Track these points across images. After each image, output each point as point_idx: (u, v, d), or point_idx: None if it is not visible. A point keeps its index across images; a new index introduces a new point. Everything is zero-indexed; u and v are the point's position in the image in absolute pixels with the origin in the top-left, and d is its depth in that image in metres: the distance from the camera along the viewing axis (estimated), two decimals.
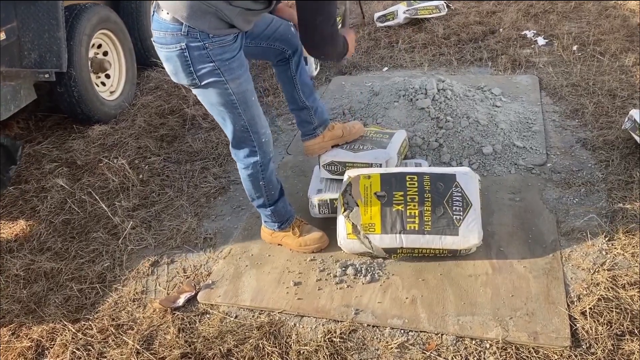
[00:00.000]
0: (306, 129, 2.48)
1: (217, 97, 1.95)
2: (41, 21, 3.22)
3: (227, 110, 1.99)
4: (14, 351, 2.08)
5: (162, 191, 2.96)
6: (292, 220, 2.37)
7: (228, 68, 1.89)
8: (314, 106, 2.41)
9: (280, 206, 2.31)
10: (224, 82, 1.90)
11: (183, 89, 4.07)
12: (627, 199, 2.46)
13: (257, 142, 2.09)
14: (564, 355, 1.79)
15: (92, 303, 2.27)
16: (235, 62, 1.91)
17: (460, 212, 2.15)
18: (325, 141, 2.52)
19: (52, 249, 2.62)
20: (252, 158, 2.12)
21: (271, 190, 2.24)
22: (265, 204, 2.28)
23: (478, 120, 2.99)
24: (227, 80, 1.91)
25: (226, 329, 2.06)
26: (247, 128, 2.04)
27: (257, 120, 2.05)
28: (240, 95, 1.96)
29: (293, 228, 2.36)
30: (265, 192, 2.23)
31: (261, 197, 2.25)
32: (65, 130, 3.77)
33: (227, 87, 1.92)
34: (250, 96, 2.01)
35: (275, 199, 2.28)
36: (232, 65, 1.90)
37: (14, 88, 3.21)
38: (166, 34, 1.83)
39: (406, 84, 3.24)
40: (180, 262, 2.45)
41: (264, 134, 2.10)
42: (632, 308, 1.93)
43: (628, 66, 3.70)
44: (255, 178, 2.18)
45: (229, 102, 1.96)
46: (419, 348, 1.89)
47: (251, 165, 2.14)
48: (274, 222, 2.35)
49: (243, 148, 2.11)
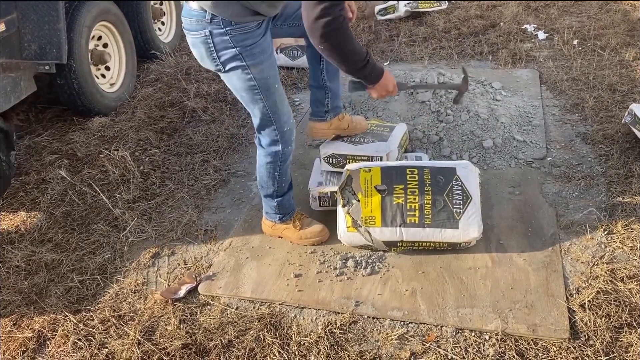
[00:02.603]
0: (317, 110, 2.49)
1: (239, 82, 1.98)
2: (41, 13, 3.21)
3: (249, 95, 2.01)
4: (15, 341, 2.09)
5: (162, 183, 2.97)
6: (294, 214, 2.38)
7: (250, 54, 1.91)
8: (332, 89, 2.41)
9: (286, 199, 2.32)
10: (245, 67, 1.93)
11: (183, 82, 4.06)
12: (626, 193, 2.47)
13: (279, 131, 2.10)
14: (562, 347, 1.81)
15: (93, 294, 2.28)
16: (257, 48, 1.92)
17: (460, 205, 2.15)
18: (330, 129, 2.53)
19: (53, 241, 2.62)
20: (274, 147, 2.14)
21: (282, 182, 2.25)
22: (273, 194, 2.29)
23: (478, 114, 3.00)
24: (249, 66, 1.92)
25: (227, 320, 2.07)
26: (270, 115, 2.05)
27: (279, 107, 2.06)
28: (262, 81, 1.97)
29: (294, 221, 2.36)
30: (277, 183, 2.24)
31: (271, 188, 2.26)
32: (66, 122, 3.76)
33: (248, 72, 1.94)
34: (273, 83, 2.01)
35: (283, 192, 2.29)
36: (253, 51, 1.91)
37: (14, 80, 3.20)
38: (192, 20, 1.89)
39: (407, 78, 3.25)
40: (181, 253, 2.46)
41: (286, 123, 2.10)
42: (630, 301, 1.94)
43: (628, 61, 3.70)
44: (272, 168, 2.19)
45: (250, 88, 1.98)
46: (418, 339, 1.90)
47: (272, 154, 2.15)
48: (276, 214, 2.35)
49: (266, 136, 2.13)
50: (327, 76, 2.36)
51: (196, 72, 4.28)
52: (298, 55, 4.12)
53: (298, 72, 4.12)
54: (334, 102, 2.46)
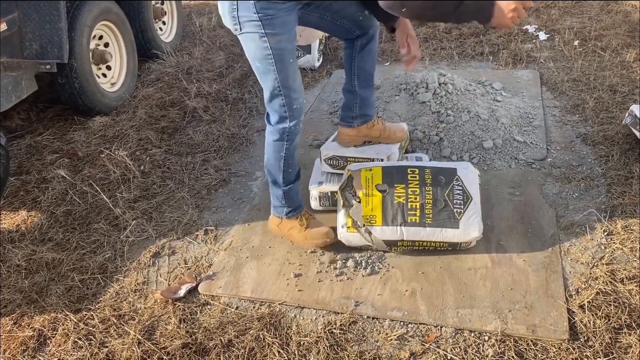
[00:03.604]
0: (345, 115, 2.49)
1: (255, 49, 1.98)
2: (42, 12, 3.21)
3: (263, 65, 2.01)
4: (16, 340, 2.09)
5: (163, 183, 2.97)
6: (301, 211, 2.34)
7: (269, 23, 1.91)
8: (362, 96, 2.40)
9: (293, 190, 2.28)
10: (263, 35, 1.93)
11: (184, 81, 4.07)
12: (626, 194, 2.48)
13: (289, 106, 2.07)
14: (562, 348, 1.81)
15: (93, 293, 2.28)
16: (278, 20, 1.92)
17: (461, 205, 2.16)
18: (358, 136, 2.53)
19: (54, 240, 2.62)
20: (281, 124, 2.11)
21: (289, 167, 2.21)
22: (280, 182, 2.24)
23: (479, 114, 3.00)
24: (267, 34, 1.92)
25: (227, 319, 2.07)
26: (280, 88, 2.03)
27: (291, 82, 2.04)
28: (277, 52, 1.96)
29: (300, 219, 2.32)
30: (284, 167, 2.20)
31: (278, 172, 2.22)
32: (66, 121, 3.77)
33: (265, 40, 1.94)
34: (289, 57, 2.00)
35: (291, 180, 2.25)
36: (274, 22, 1.91)
37: (15, 79, 3.21)
38: None
39: (407, 78, 3.25)
40: (181, 253, 2.46)
41: (296, 100, 2.08)
42: (630, 302, 1.95)
43: (629, 62, 3.70)
44: (279, 147, 2.15)
45: (265, 57, 1.97)
46: (418, 340, 1.91)
47: (279, 131, 2.13)
48: (283, 207, 2.30)
49: (275, 112, 2.11)
50: (358, 82, 2.36)
51: (197, 71, 4.29)
52: (300, 56, 4.12)
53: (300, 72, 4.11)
54: (362, 109, 2.45)
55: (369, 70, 2.38)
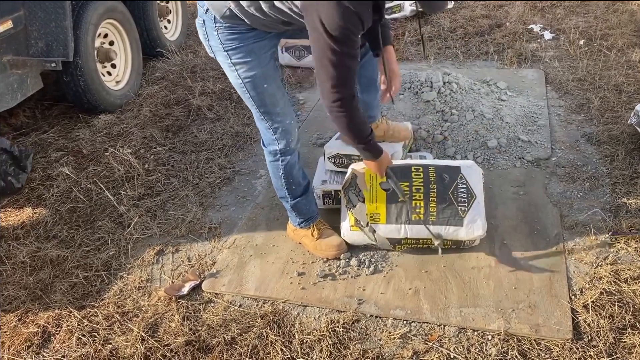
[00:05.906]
0: None
1: (229, 76, 2.00)
2: (48, 10, 3.23)
3: (239, 91, 2.03)
4: (20, 336, 2.10)
5: (167, 181, 2.98)
6: (314, 221, 2.32)
7: (236, 52, 1.91)
8: (365, 100, 2.39)
9: (301, 203, 2.27)
10: (231, 65, 1.94)
11: (189, 80, 4.07)
12: (631, 194, 2.47)
13: (274, 129, 2.08)
14: (565, 348, 1.80)
15: (97, 290, 2.29)
16: (244, 49, 1.91)
17: (465, 203, 2.15)
18: None
19: (58, 237, 2.64)
20: (272, 146, 2.13)
21: (292, 184, 2.22)
22: (286, 197, 2.26)
23: (483, 113, 2.99)
24: (234, 63, 1.93)
25: (230, 317, 2.07)
26: (260, 114, 2.05)
27: (270, 107, 2.02)
28: (247, 80, 1.96)
29: (313, 229, 2.31)
30: (286, 184, 2.21)
31: (282, 189, 2.24)
32: (71, 119, 3.78)
33: (234, 70, 1.95)
34: (261, 83, 1.97)
35: (296, 195, 2.25)
36: (240, 50, 1.91)
37: (21, 77, 3.22)
38: (198, 6, 1.94)
39: (412, 77, 3.24)
40: (185, 251, 2.47)
41: (281, 122, 2.06)
42: (634, 302, 1.94)
43: (635, 61, 3.68)
44: (275, 167, 2.18)
45: (238, 85, 1.99)
46: (421, 339, 1.91)
47: (272, 153, 2.15)
48: (295, 218, 2.32)
49: (263, 132, 2.13)
50: (360, 88, 2.34)
51: (202, 70, 4.30)
52: (303, 55, 4.12)
53: (303, 72, 4.12)
54: (366, 111, 2.44)
55: (370, 76, 2.37)
